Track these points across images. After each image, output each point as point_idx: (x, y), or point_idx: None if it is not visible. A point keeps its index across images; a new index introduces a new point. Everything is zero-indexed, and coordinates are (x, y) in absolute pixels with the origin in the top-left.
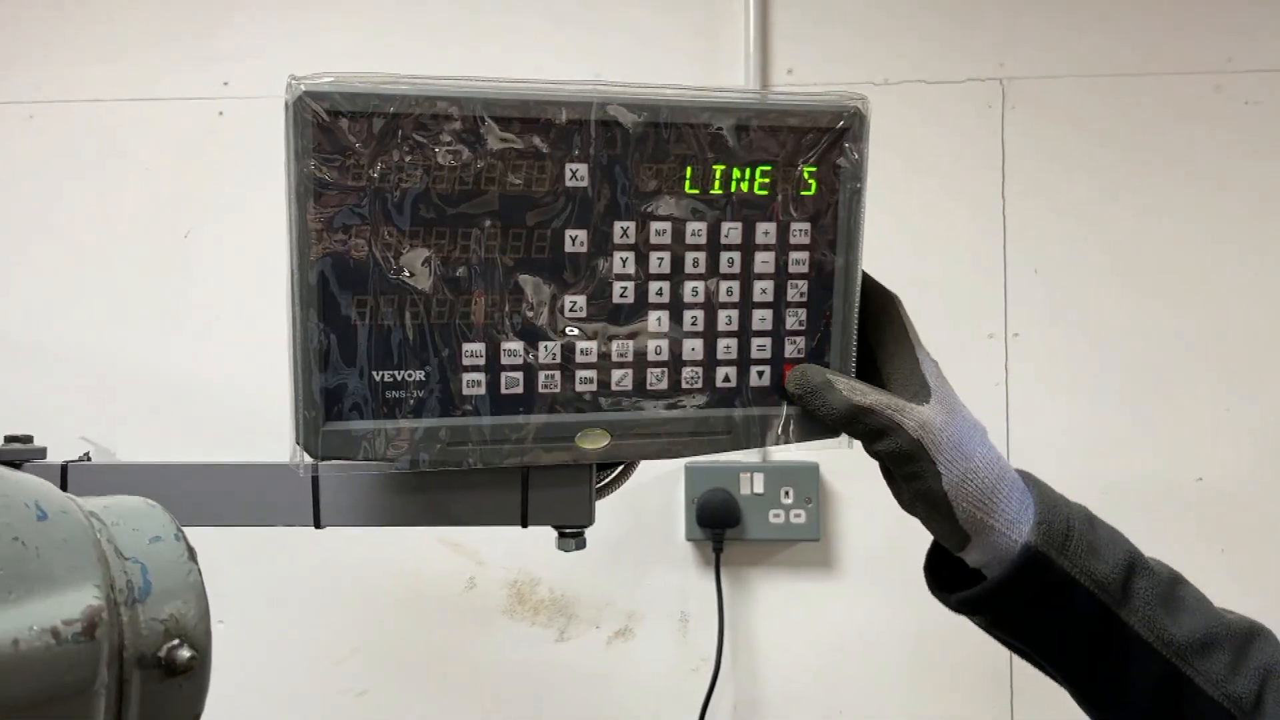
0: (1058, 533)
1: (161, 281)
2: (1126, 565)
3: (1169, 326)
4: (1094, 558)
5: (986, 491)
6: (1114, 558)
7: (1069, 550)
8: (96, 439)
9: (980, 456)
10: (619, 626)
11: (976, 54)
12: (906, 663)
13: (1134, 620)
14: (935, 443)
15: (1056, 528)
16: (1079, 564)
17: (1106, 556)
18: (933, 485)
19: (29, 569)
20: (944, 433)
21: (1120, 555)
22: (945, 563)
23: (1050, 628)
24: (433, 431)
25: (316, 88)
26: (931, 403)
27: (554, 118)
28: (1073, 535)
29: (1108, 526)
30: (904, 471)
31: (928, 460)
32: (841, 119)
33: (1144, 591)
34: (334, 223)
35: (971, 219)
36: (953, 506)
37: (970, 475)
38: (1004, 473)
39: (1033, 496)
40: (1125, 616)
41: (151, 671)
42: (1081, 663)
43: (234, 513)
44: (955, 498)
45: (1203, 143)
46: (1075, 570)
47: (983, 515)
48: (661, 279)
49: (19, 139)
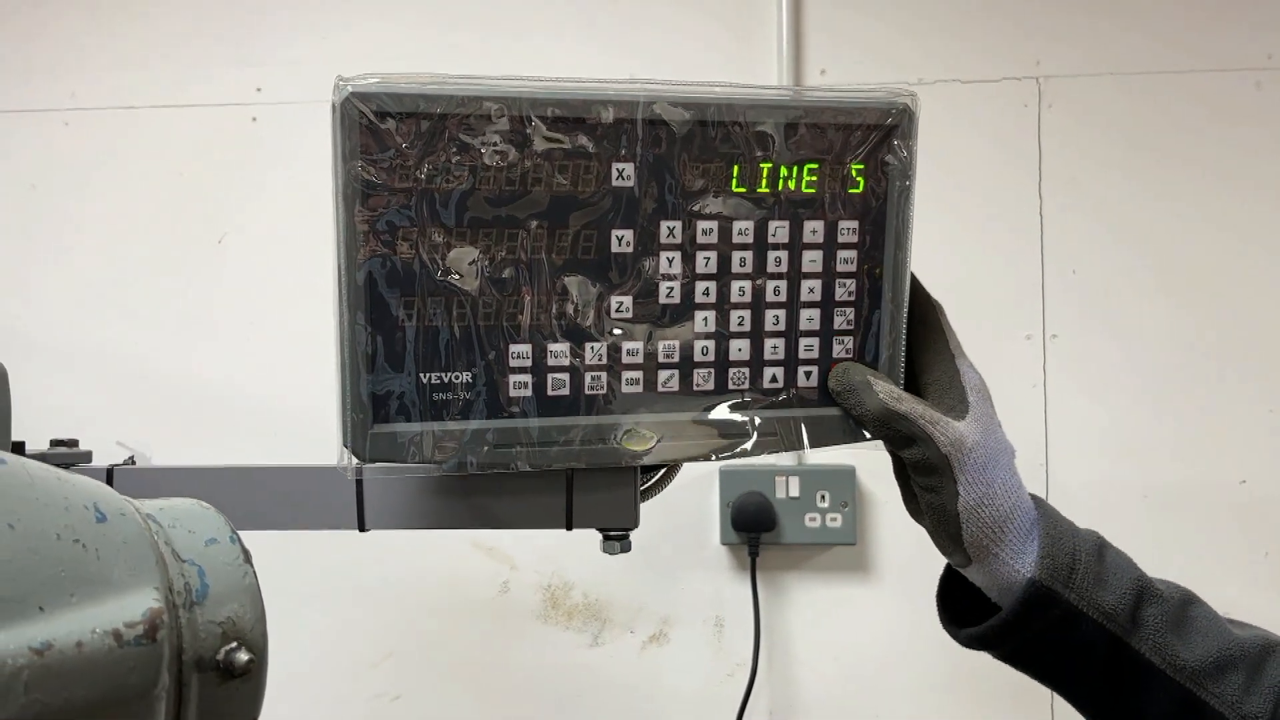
0: (1062, 566)
1: (196, 287)
2: (1134, 593)
3: (1210, 327)
4: (1100, 588)
5: (999, 520)
6: (1121, 587)
7: (1074, 583)
8: (131, 443)
9: (1000, 482)
10: (653, 631)
11: (1012, 53)
12: (944, 669)
13: (1145, 648)
14: (962, 462)
15: (1061, 560)
16: (1085, 596)
17: (1113, 586)
18: (948, 503)
19: (89, 571)
20: (973, 453)
21: (1127, 584)
22: (955, 594)
23: (1062, 660)
24: (480, 434)
25: (363, 89)
26: (967, 419)
27: (600, 117)
28: (1078, 567)
29: (1117, 553)
30: (923, 482)
31: (950, 478)
32: (890, 116)
33: (1153, 618)
34: (381, 224)
35: (1008, 219)
36: (962, 529)
37: (986, 501)
38: (1019, 502)
39: (1039, 529)
40: (1136, 645)
41: (209, 674)
42: (1096, 693)
43: (278, 516)
44: (966, 520)
45: (1243, 141)
46: (1082, 602)
47: (989, 543)
48: (708, 279)
49: (54, 146)
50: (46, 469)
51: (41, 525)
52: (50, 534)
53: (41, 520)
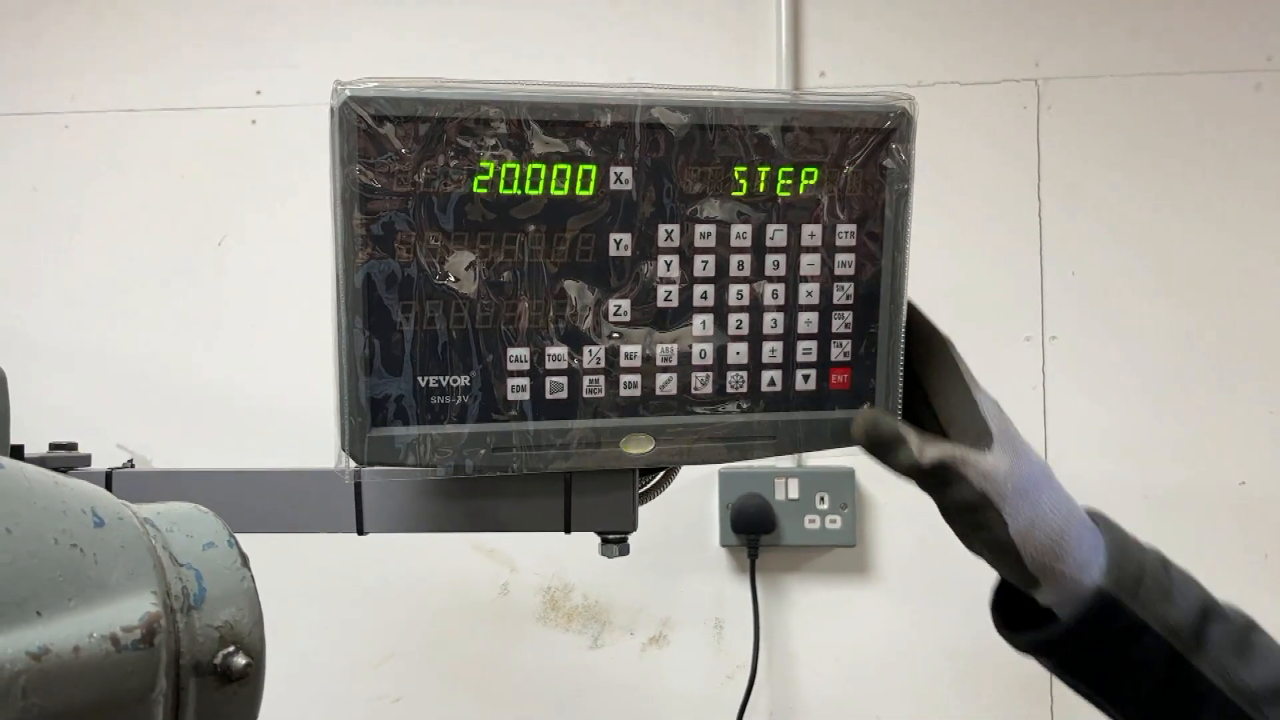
0: (1130, 577)
1: (196, 289)
2: (1200, 611)
3: (1210, 328)
4: (1167, 603)
5: (1055, 537)
6: (1187, 603)
7: (1140, 595)
8: (132, 445)
9: (1047, 501)
10: (653, 633)
11: (1011, 55)
12: (944, 670)
13: (1206, 668)
14: (1000, 493)
15: (1128, 571)
16: (1151, 609)
17: (1180, 602)
18: (999, 534)
19: (87, 576)
20: (1008, 481)
21: (1194, 601)
22: (1012, 600)
23: (1120, 673)
24: (478, 437)
25: (361, 93)
26: (994, 449)
27: (598, 121)
28: (1145, 579)
29: (1181, 571)
30: (970, 520)
31: (993, 510)
32: (888, 119)
33: (1218, 638)
34: (379, 228)
35: (1007, 221)
36: (1021, 554)
37: (1037, 522)
38: (1072, 515)
39: (1104, 540)
40: (1197, 663)
41: (207, 679)
42: (1148, 710)
43: (276, 519)
44: (1023, 545)
45: (1242, 143)
46: (1147, 615)
47: (1051, 561)
48: (706, 282)
49: (55, 149)
50: (44, 474)
51: (39, 530)
52: (48, 538)
53: (39, 525)
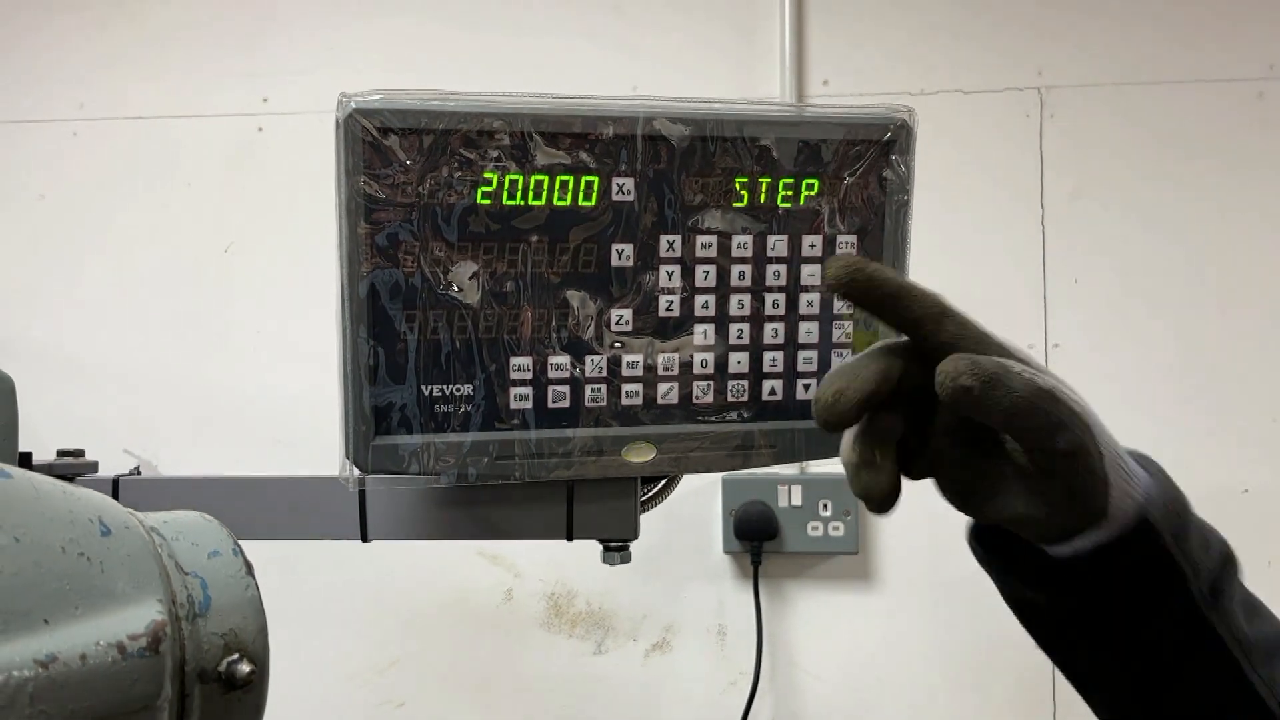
0: (1174, 513)
1: (202, 296)
2: (1222, 561)
3: (1212, 336)
4: (1202, 549)
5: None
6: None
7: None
8: (138, 452)
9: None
10: (656, 639)
11: (1014, 63)
12: (946, 678)
13: (1216, 617)
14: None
15: (1173, 510)
16: (1183, 547)
17: (1210, 550)
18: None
19: (94, 584)
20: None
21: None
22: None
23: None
24: (480, 445)
25: (367, 105)
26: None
27: (601, 133)
28: (1189, 519)
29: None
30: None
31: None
32: (888, 131)
33: (1230, 590)
34: (383, 238)
35: (1010, 229)
36: (1110, 487)
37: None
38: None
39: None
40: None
41: (212, 686)
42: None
43: (281, 526)
44: (1114, 476)
45: (1245, 150)
46: (1179, 554)
47: (1130, 489)
48: (708, 292)
49: (62, 156)
50: (52, 482)
51: (46, 538)
52: (55, 547)
53: (46, 533)
